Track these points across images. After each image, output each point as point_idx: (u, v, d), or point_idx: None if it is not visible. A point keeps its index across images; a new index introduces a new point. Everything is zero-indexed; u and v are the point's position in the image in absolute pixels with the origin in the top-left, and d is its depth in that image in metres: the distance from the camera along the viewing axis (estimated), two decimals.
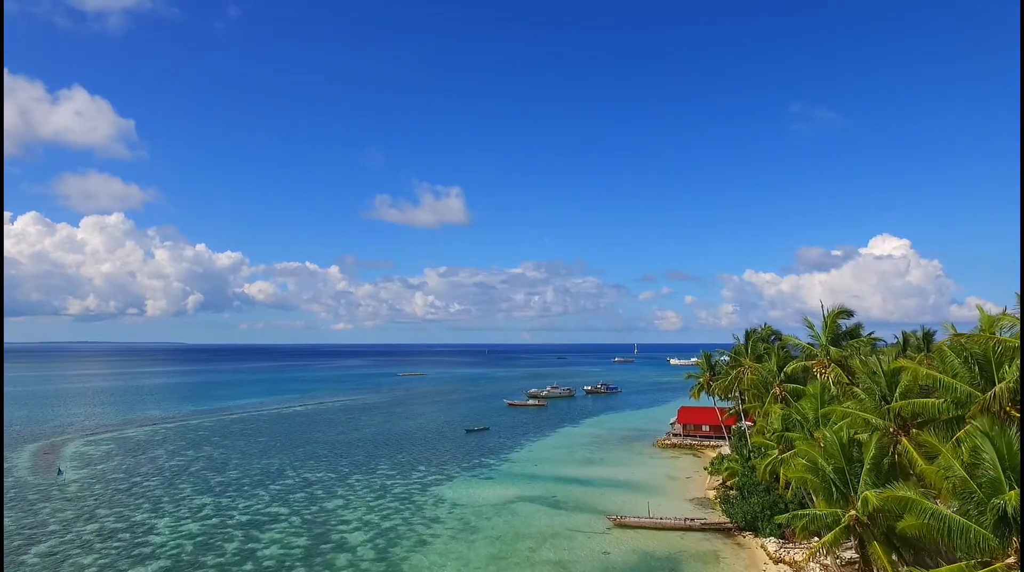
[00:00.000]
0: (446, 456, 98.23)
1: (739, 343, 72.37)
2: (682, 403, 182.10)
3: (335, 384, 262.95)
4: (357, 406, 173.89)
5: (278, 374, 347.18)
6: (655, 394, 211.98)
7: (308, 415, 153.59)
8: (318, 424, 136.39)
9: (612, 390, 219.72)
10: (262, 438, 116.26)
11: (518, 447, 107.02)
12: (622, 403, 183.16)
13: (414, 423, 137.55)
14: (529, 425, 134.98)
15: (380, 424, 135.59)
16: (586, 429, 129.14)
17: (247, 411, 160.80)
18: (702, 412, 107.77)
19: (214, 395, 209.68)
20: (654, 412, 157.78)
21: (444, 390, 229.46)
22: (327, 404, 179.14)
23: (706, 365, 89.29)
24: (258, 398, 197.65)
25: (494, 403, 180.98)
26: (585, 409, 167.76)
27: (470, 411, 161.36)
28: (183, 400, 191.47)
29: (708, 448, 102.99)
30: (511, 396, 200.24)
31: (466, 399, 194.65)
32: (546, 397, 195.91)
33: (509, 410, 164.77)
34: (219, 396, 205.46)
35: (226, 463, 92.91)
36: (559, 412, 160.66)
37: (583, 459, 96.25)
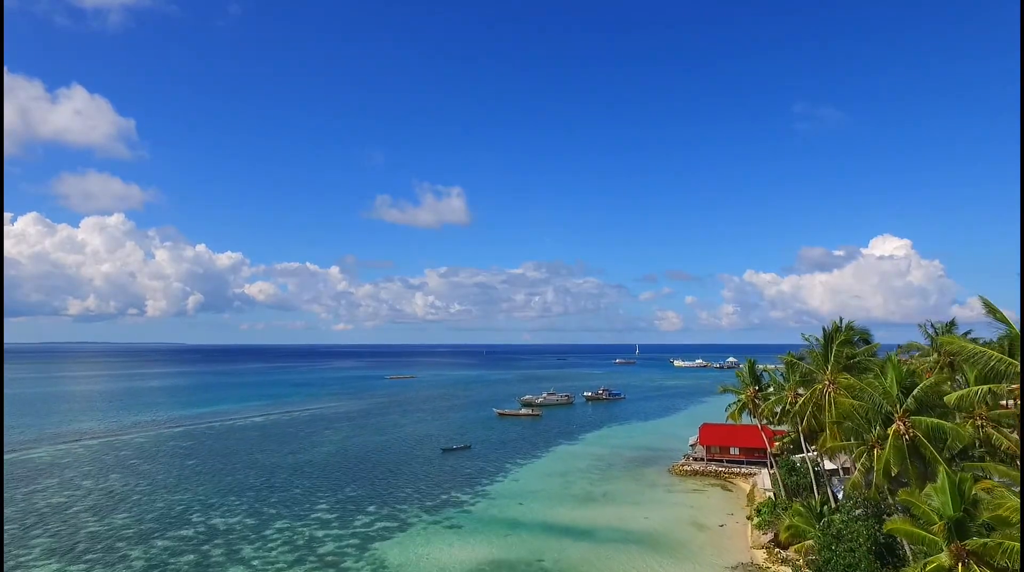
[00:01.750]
0: (407, 489, 77.65)
1: (810, 348, 50.32)
2: (695, 412, 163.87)
3: (316, 388, 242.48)
4: (327, 415, 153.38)
5: (263, 377, 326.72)
6: (663, 401, 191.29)
7: (266, 428, 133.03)
8: (271, 440, 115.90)
9: (615, 396, 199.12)
10: (191, 461, 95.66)
11: (501, 475, 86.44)
12: (627, 412, 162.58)
13: (383, 439, 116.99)
14: (519, 442, 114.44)
15: (342, 440, 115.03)
16: (586, 448, 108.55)
17: (200, 422, 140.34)
18: (731, 431, 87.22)
19: (179, 401, 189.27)
20: (665, 425, 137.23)
21: (430, 396, 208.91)
22: (294, 413, 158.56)
23: (749, 377, 68.26)
24: (224, 405, 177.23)
25: (483, 412, 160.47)
26: (585, 420, 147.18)
27: (453, 422, 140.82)
28: (138, 407, 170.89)
29: (739, 477, 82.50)
30: (503, 403, 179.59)
31: (452, 407, 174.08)
32: (542, 405, 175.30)
33: (498, 421, 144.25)
34: (183, 403, 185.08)
35: (123, 500, 72.37)
36: (556, 423, 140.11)
37: (582, 494, 75.65)
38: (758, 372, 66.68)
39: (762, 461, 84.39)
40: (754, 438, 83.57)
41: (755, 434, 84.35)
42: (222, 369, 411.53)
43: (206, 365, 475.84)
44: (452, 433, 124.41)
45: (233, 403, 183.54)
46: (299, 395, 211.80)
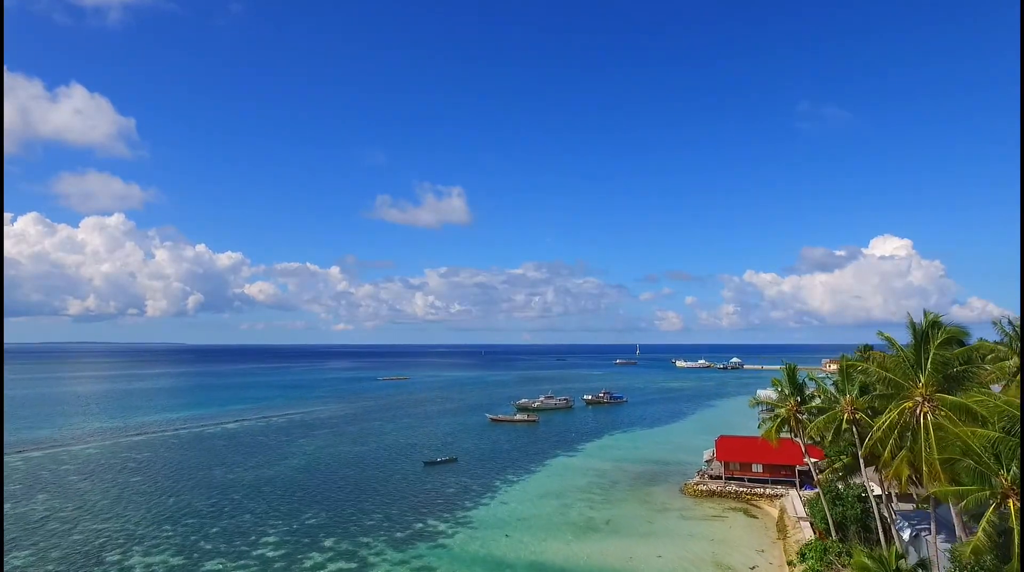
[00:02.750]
0: (377, 515, 66.29)
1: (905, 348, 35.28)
2: (703, 417, 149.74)
3: (304, 391, 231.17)
4: (307, 421, 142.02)
5: (253, 378, 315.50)
6: (667, 405, 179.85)
7: (237, 436, 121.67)
8: (237, 451, 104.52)
9: (616, 400, 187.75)
10: (137, 478, 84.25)
11: (488, 495, 75.06)
12: (629, 417, 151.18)
13: (362, 450, 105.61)
14: (512, 453, 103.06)
15: (316, 452, 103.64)
16: (586, 460, 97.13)
17: (167, 429, 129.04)
18: (753, 445, 75.95)
19: (153, 406, 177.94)
20: (672, 433, 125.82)
21: (421, 399, 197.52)
22: (273, 419, 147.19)
23: (789, 386, 56.60)
24: (200, 410, 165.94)
25: (475, 417, 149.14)
26: (585, 426, 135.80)
27: (442, 429, 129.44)
28: (107, 412, 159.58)
29: (763, 499, 71.16)
30: (497, 407, 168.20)
31: (443, 412, 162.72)
32: (539, 409, 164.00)
33: (491, 428, 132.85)
34: (158, 407, 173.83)
35: (35, 531, 60.91)
36: (553, 431, 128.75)
37: (581, 522, 64.25)
38: (800, 379, 54.39)
39: (789, 480, 73.12)
40: (780, 452, 72.21)
41: (780, 448, 73.11)
42: (214, 370, 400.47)
43: (199, 366, 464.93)
44: (439, 442, 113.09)
45: (211, 407, 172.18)
46: (284, 398, 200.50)
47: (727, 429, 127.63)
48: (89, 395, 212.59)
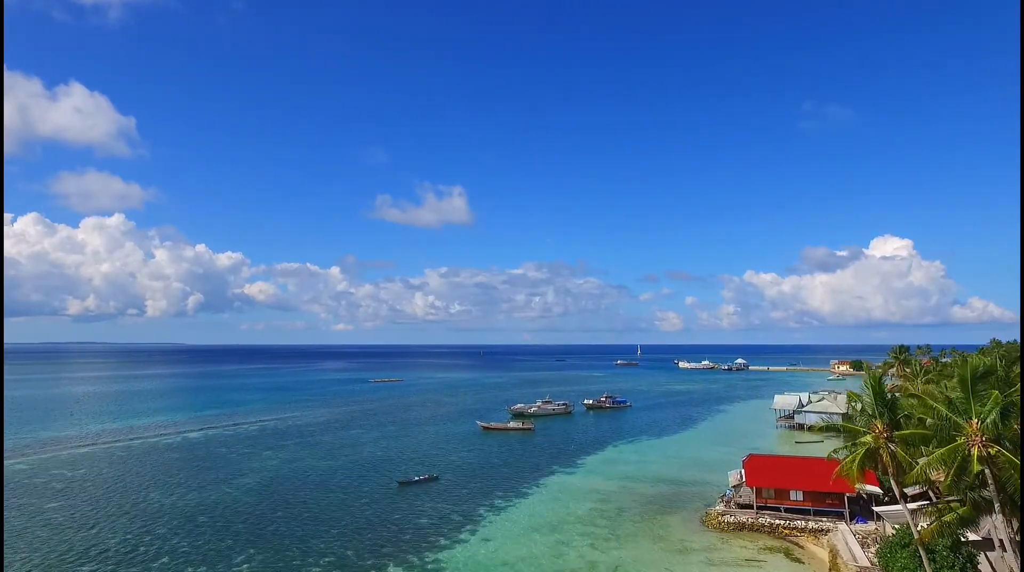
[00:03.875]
0: (328, 557, 53.09)
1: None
2: (716, 426, 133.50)
3: (288, 394, 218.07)
4: (278, 430, 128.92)
5: (239, 380, 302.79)
6: (675, 410, 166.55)
7: (194, 448, 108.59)
8: (186, 467, 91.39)
9: (619, 404, 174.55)
10: (55, 504, 71.04)
11: (468, 528, 61.87)
12: (635, 425, 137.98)
13: (331, 465, 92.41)
14: (502, 469, 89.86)
15: (277, 468, 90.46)
16: (587, 479, 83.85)
17: (119, 439, 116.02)
18: (790, 466, 62.74)
19: (116, 411, 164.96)
20: (684, 444, 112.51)
21: (410, 404, 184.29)
22: (242, 426, 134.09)
23: (875, 402, 41.37)
24: (166, 416, 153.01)
25: (465, 424, 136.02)
26: (586, 436, 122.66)
27: (427, 439, 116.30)
28: (62, 418, 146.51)
29: (806, 535, 57.94)
30: (491, 413, 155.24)
31: (431, 418, 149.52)
32: (535, 415, 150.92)
33: (482, 437, 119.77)
34: (120, 412, 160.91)
35: None
36: (550, 441, 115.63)
37: (581, 569, 51.07)
38: (887, 393, 40.46)
39: (836, 510, 59.93)
40: (823, 476, 59.12)
41: (824, 470, 60.09)
42: (203, 371, 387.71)
43: (190, 366, 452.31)
44: (421, 455, 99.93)
45: (181, 413, 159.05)
46: (264, 402, 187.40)
47: (744, 439, 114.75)
48: (54, 399, 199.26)
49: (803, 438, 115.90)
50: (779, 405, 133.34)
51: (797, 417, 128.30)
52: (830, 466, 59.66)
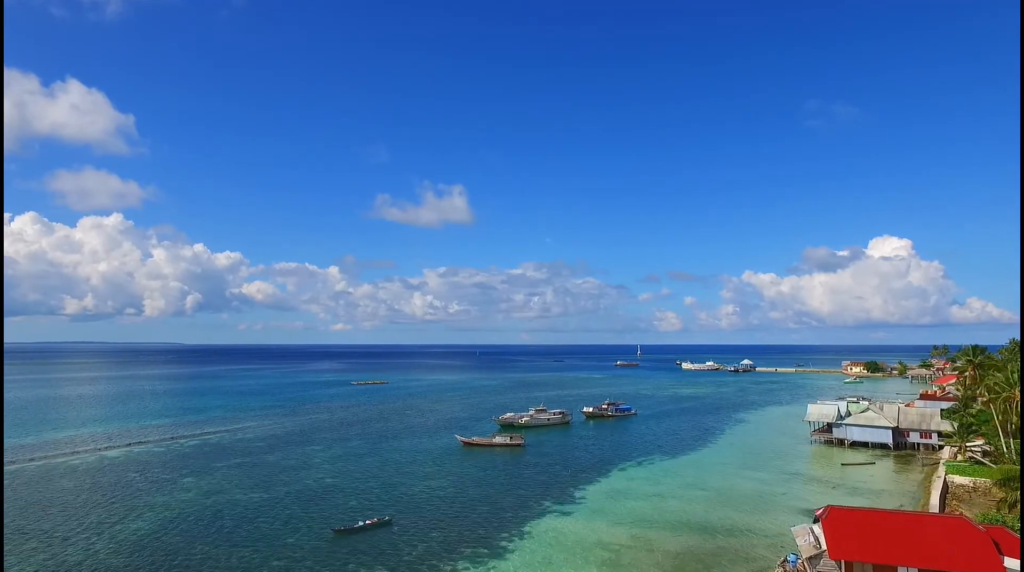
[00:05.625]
0: None
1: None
2: (741, 438, 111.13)
3: (255, 399, 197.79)
4: (222, 445, 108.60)
5: (212, 382, 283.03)
6: (686, 420, 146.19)
7: (105, 469, 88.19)
8: (76, 498, 70.94)
9: (623, 412, 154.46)
10: None
11: None
12: (642, 439, 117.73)
13: (258, 500, 71.92)
14: (475, 510, 69.43)
15: (185, 505, 69.89)
16: (587, 524, 63.34)
17: (21, 457, 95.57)
18: (895, 527, 42.19)
19: (58, 418, 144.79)
20: (704, 465, 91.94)
21: (388, 411, 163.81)
22: (181, 440, 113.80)
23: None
24: (103, 426, 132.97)
25: (444, 439, 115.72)
26: (586, 453, 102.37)
27: (392, 461, 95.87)
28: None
29: None
30: (478, 423, 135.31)
31: (407, 430, 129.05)
32: (527, 426, 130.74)
33: (461, 457, 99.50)
34: (57, 421, 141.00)
35: None
36: (543, 461, 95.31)
37: None
38: None
39: None
40: (946, 542, 39.01)
41: (946, 533, 40.14)
42: (181, 373, 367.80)
43: (172, 367, 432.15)
44: (380, 484, 79.58)
45: (116, 422, 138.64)
46: (225, 409, 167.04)
47: (778, 460, 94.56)
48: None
49: (849, 459, 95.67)
50: (814, 416, 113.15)
51: (836, 431, 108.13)
52: (954, 527, 39.78)
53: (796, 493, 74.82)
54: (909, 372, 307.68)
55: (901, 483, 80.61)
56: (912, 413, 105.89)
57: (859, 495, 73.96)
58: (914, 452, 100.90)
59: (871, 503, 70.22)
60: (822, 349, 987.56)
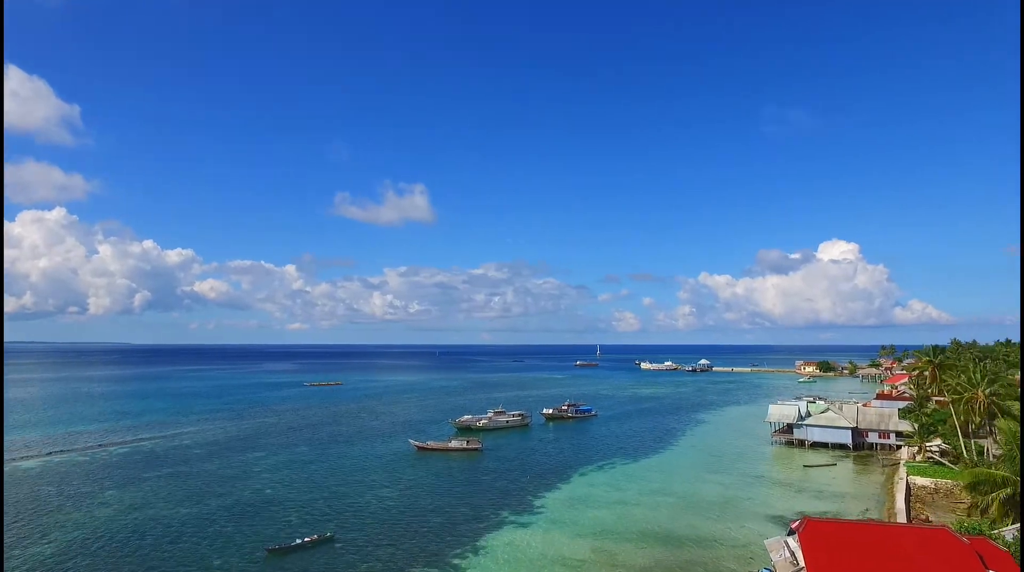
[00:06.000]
0: None
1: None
2: (703, 440, 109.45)
3: (200, 401, 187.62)
4: (153, 454, 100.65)
5: (156, 384, 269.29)
6: (646, 421, 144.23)
7: (24, 482, 79.71)
8: None
9: (583, 413, 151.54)
10: None
11: None
12: (603, 441, 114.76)
13: (188, 515, 65.42)
14: (426, 522, 64.59)
15: (104, 522, 62.86)
16: (547, 537, 59.27)
17: None
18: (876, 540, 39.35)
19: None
20: (667, 468, 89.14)
21: (340, 414, 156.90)
22: (108, 448, 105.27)
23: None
24: (23, 433, 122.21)
25: (397, 443, 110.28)
26: (546, 458, 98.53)
27: (340, 468, 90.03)
28: None
29: None
30: (434, 426, 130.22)
31: (359, 434, 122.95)
32: (485, 429, 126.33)
33: (414, 463, 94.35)
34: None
35: None
36: (501, 466, 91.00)
37: None
38: None
39: None
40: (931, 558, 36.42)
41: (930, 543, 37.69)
42: (124, 374, 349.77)
43: (115, 368, 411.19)
44: (324, 495, 73.88)
45: (39, 429, 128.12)
46: (165, 413, 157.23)
47: (741, 462, 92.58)
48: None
49: (811, 460, 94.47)
50: (775, 416, 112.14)
51: (796, 432, 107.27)
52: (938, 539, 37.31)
53: (761, 498, 72.50)
54: (859, 371, 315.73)
55: (864, 485, 79.36)
56: (871, 413, 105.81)
57: (824, 499, 72.15)
58: (872, 452, 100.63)
59: (837, 507, 68.38)
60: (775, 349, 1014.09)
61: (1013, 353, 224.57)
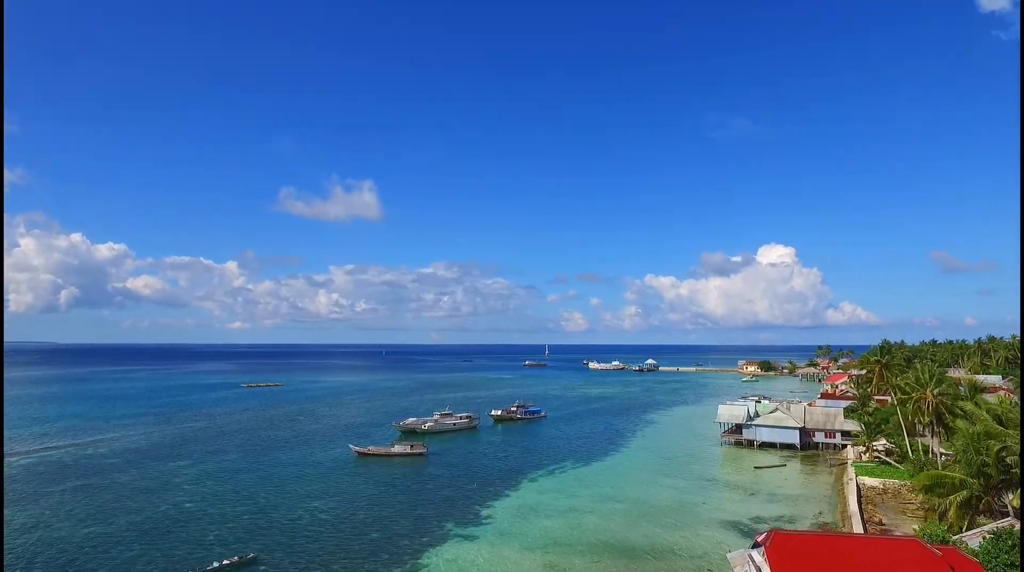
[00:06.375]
0: None
1: None
2: (653, 442, 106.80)
3: (122, 405, 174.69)
4: (61, 464, 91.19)
5: (76, 386, 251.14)
6: (596, 422, 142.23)
7: None
8: None
9: (532, 414, 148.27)
10: None
11: None
12: (553, 444, 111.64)
13: (90, 535, 58.01)
14: (362, 536, 59.38)
15: None
16: (494, 551, 55.02)
17: None
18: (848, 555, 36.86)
19: None
20: (620, 472, 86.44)
21: (277, 417, 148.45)
22: (9, 458, 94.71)
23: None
24: None
25: (336, 449, 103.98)
26: (494, 463, 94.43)
27: (271, 479, 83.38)
28: None
29: None
30: (375, 430, 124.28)
31: (296, 439, 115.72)
32: (431, 432, 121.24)
33: (354, 470, 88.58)
34: None
35: None
36: (446, 473, 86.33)
37: None
38: None
39: None
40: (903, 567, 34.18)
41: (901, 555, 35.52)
42: (42, 375, 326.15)
43: (33, 369, 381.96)
44: (251, 508, 67.45)
45: None
46: (84, 417, 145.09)
47: (693, 464, 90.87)
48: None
49: (761, 461, 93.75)
50: (725, 417, 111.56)
51: (746, 432, 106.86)
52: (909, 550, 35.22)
53: (715, 502, 70.50)
54: (799, 371, 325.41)
55: (815, 486, 78.67)
56: (817, 413, 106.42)
57: (777, 502, 70.76)
58: (819, 452, 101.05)
59: (791, 511, 66.96)
60: (717, 349, 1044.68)
61: (940, 352, 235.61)
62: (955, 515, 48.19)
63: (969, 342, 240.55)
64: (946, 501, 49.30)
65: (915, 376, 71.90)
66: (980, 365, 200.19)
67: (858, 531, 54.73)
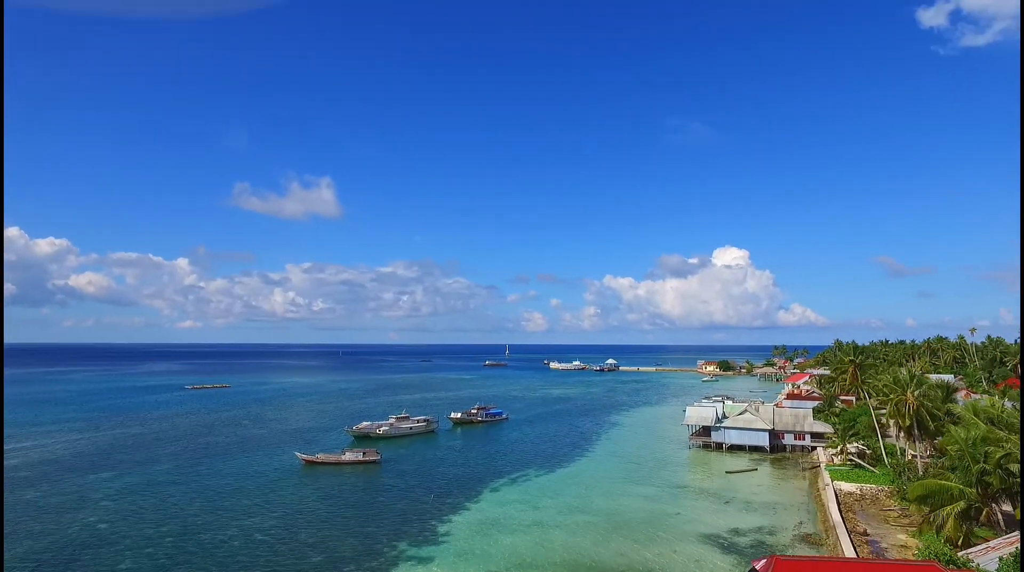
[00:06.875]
0: None
1: None
2: (618, 445, 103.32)
3: (52, 409, 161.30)
4: None
5: (5, 389, 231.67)
6: (559, 424, 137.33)
7: None
8: None
9: (494, 417, 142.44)
10: None
11: None
12: (516, 448, 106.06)
13: None
14: (304, 560, 52.44)
15: None
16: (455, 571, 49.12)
17: None
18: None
19: None
20: (586, 479, 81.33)
21: (220, 421, 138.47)
22: None
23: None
24: None
25: (282, 456, 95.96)
26: (453, 471, 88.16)
27: (206, 493, 75.19)
28: None
29: None
30: (325, 436, 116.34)
31: (239, 445, 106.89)
32: (386, 437, 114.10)
33: (299, 480, 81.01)
34: None
35: None
36: (401, 482, 79.66)
37: None
38: None
39: None
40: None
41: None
42: None
43: None
44: (180, 527, 59.54)
45: None
46: None
47: (662, 470, 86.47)
48: None
49: (731, 466, 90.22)
50: (693, 419, 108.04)
51: (714, 435, 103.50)
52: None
53: (689, 513, 66.03)
54: (757, 370, 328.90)
55: (790, 492, 75.18)
56: (786, 414, 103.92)
57: (753, 511, 66.76)
58: (788, 454, 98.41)
59: (769, 520, 62.94)
60: (674, 349, 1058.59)
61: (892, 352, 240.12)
62: (953, 527, 44.61)
63: (918, 342, 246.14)
64: (943, 513, 45.71)
65: (894, 377, 69.00)
66: (930, 364, 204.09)
67: (845, 543, 50.91)
